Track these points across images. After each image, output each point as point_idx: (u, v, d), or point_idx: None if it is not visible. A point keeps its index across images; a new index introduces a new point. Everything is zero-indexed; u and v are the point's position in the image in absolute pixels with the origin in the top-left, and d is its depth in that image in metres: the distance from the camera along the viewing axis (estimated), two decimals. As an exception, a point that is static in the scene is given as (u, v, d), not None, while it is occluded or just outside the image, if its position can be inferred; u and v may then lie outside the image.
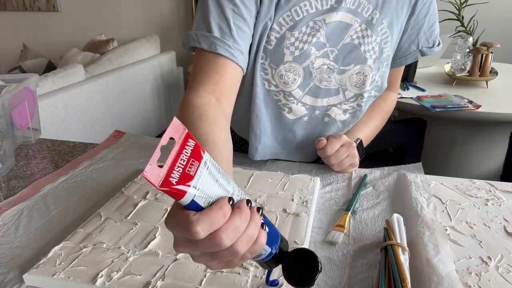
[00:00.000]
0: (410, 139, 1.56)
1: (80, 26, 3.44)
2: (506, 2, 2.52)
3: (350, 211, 0.66)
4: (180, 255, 0.55)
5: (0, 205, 0.71)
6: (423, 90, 1.71)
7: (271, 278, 0.48)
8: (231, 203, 0.36)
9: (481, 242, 0.59)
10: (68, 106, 2.11)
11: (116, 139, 0.98)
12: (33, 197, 0.73)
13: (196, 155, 0.34)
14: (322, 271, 0.41)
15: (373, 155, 1.48)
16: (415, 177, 0.76)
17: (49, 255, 0.55)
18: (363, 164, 0.83)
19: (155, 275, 0.51)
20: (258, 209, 0.39)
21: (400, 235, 0.56)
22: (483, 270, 0.54)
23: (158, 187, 0.32)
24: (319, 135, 0.85)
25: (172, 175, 0.32)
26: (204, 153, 0.35)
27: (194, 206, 0.35)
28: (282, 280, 0.49)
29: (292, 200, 0.68)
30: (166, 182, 0.32)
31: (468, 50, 1.78)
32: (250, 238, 0.38)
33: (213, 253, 0.37)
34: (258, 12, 0.72)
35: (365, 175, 0.79)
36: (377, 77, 0.81)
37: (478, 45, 1.80)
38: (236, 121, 0.93)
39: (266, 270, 0.47)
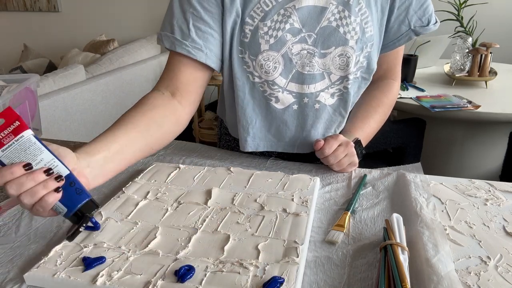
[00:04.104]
0: (409, 139, 1.57)
1: (81, 27, 3.45)
2: (506, 2, 2.52)
3: (350, 210, 0.67)
4: (180, 255, 0.55)
5: (1, 204, 0.72)
6: (422, 90, 1.71)
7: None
8: (27, 167, 0.50)
9: (480, 241, 0.60)
10: (69, 106, 2.12)
11: None
12: (33, 197, 0.73)
13: (16, 132, 0.50)
14: (79, 229, 0.54)
15: (373, 155, 1.49)
16: (415, 177, 0.76)
17: (50, 254, 0.55)
18: (363, 164, 0.83)
19: (155, 275, 0.51)
20: (58, 177, 0.52)
21: (400, 235, 0.56)
22: (482, 269, 0.54)
23: None
24: (312, 124, 0.86)
25: None
26: (24, 131, 0.50)
27: (1, 164, 0.51)
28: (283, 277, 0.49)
29: (292, 200, 0.68)
30: None
31: (467, 50, 1.78)
32: (33, 194, 0.50)
33: (16, 200, 0.51)
34: (223, 13, 0.76)
35: (365, 175, 0.79)
36: (362, 58, 0.81)
37: (477, 46, 1.80)
38: (229, 122, 0.94)
39: None
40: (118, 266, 0.53)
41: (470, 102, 1.55)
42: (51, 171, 0.52)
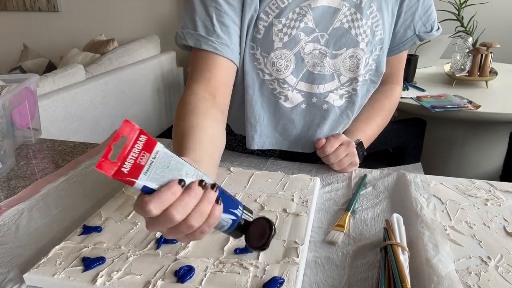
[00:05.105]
0: (410, 139, 1.56)
1: (81, 26, 3.45)
2: (506, 2, 2.52)
3: (350, 211, 0.67)
4: (180, 255, 0.55)
5: (1, 205, 0.72)
6: (423, 90, 1.71)
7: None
8: (182, 184, 0.42)
9: (480, 242, 0.60)
10: (69, 106, 2.12)
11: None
12: (33, 197, 0.73)
13: (148, 148, 0.41)
14: (275, 235, 0.47)
15: (373, 155, 1.48)
16: (415, 177, 0.76)
17: (50, 254, 0.55)
18: (363, 164, 0.83)
19: (155, 275, 0.51)
20: (213, 186, 0.44)
21: (400, 235, 0.56)
22: (482, 270, 0.54)
23: (112, 177, 0.39)
24: (319, 124, 0.86)
25: (124, 166, 0.39)
26: (156, 145, 0.41)
27: (147, 190, 0.41)
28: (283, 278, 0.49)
29: (292, 200, 0.68)
30: (118, 173, 0.39)
31: (467, 50, 1.78)
32: (202, 212, 0.42)
33: (175, 228, 0.43)
34: (243, 5, 0.75)
35: (365, 175, 0.79)
36: (371, 60, 0.82)
37: (477, 45, 1.80)
38: (233, 118, 0.94)
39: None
40: (118, 266, 0.53)
41: (470, 102, 1.54)
42: (204, 182, 0.43)
